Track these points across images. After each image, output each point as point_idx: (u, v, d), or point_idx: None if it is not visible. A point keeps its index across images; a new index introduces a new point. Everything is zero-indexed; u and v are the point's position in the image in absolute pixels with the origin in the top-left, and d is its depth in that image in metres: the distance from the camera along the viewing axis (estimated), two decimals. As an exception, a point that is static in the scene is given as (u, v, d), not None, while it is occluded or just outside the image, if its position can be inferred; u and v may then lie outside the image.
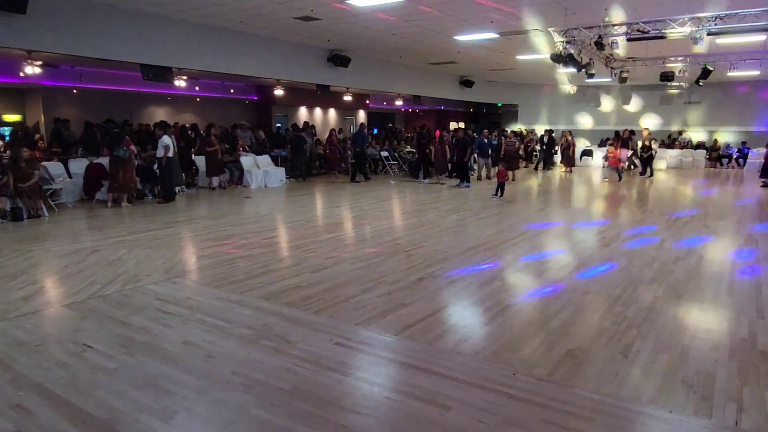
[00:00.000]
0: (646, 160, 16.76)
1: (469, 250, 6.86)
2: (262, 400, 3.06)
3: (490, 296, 5.01)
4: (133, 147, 10.37)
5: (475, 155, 15.44)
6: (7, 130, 14.47)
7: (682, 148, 21.25)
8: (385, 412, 2.97)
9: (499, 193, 11.60)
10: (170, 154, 12.65)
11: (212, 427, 2.83)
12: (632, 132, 17.68)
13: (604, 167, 18.27)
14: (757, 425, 2.85)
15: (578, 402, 3.05)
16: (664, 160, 20.11)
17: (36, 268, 5.95)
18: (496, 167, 14.41)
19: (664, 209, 10.30)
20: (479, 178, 15.67)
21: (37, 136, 12.99)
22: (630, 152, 17.32)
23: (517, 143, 17.56)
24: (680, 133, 22.39)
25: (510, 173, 15.43)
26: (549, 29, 11.45)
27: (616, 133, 18.27)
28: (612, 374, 3.40)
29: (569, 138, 18.07)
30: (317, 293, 5.02)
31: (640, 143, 17.00)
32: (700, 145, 21.47)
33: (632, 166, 17.88)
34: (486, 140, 15.06)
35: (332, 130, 17.63)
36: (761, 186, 14.43)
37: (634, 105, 23.43)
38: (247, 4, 9.86)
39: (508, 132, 19.93)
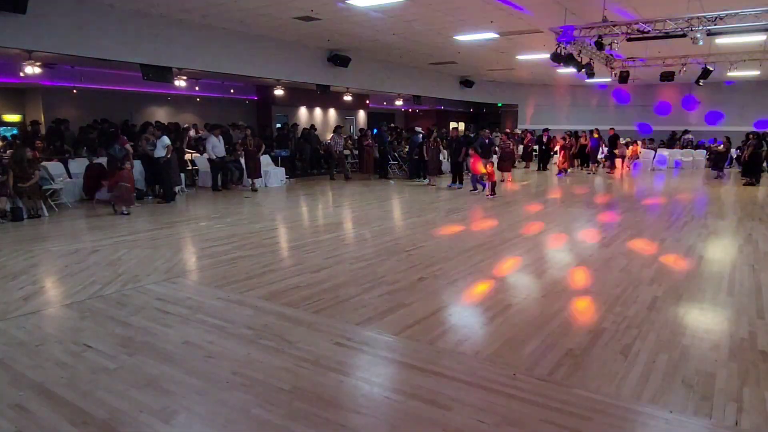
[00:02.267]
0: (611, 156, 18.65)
1: (469, 249, 6.87)
2: (262, 400, 3.06)
3: (490, 296, 5.01)
4: (128, 146, 10.26)
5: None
6: (7, 131, 14.48)
7: (683, 148, 21.20)
8: (385, 412, 2.97)
9: (492, 192, 11.96)
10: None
11: (212, 427, 2.83)
12: (598, 132, 18.22)
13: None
14: (757, 425, 2.85)
15: (578, 402, 3.05)
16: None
17: (36, 268, 5.95)
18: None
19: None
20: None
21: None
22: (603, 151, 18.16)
23: (512, 144, 17.53)
24: (684, 132, 22.32)
25: (507, 174, 15.45)
26: (549, 29, 11.45)
27: (575, 132, 18.23)
28: (612, 374, 3.39)
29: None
30: (317, 293, 5.02)
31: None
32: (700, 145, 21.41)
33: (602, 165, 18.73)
34: (487, 140, 15.00)
35: (366, 131, 17.50)
36: (744, 184, 14.41)
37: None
38: (247, 4, 9.86)
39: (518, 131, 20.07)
